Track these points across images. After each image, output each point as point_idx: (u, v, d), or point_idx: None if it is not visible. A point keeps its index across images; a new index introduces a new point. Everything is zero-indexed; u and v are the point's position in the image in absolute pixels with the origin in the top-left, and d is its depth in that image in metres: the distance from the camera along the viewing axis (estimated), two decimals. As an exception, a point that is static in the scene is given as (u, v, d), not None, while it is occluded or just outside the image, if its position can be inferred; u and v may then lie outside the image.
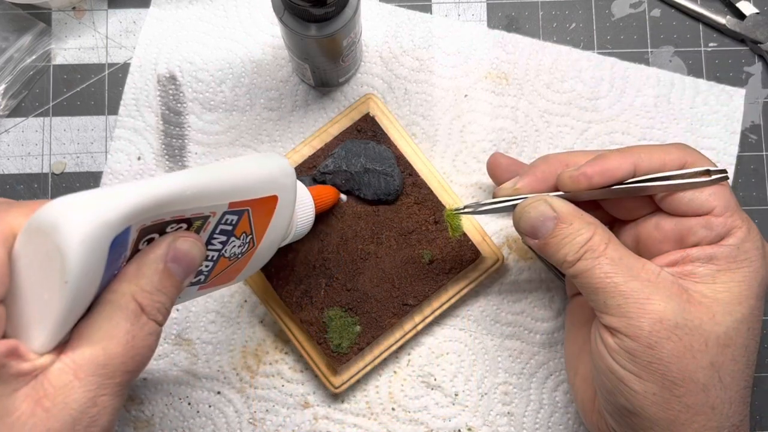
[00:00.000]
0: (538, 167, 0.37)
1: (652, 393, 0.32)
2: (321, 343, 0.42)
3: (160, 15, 0.47)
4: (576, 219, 0.35)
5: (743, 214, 0.34)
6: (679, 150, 0.35)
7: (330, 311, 0.42)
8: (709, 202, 0.34)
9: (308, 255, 0.43)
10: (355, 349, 0.42)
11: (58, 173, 0.46)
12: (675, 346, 0.32)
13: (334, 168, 0.43)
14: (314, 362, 0.43)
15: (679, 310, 0.32)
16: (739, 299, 0.33)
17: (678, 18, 0.48)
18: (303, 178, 0.43)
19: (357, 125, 0.44)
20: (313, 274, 0.43)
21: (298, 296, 0.42)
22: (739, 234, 0.33)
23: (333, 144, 0.44)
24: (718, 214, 0.34)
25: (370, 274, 0.43)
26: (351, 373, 0.43)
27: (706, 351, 0.32)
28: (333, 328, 0.42)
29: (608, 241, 0.34)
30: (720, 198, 0.34)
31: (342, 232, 0.43)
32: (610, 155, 0.35)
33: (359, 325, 0.42)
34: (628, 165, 0.34)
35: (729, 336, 0.32)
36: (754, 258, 0.33)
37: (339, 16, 0.37)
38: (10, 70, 0.46)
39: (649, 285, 0.33)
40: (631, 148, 0.35)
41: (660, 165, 0.34)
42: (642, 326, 0.32)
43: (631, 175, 0.34)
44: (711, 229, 0.34)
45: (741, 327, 0.33)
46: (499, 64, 0.47)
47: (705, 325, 0.32)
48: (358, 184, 0.43)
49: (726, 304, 0.33)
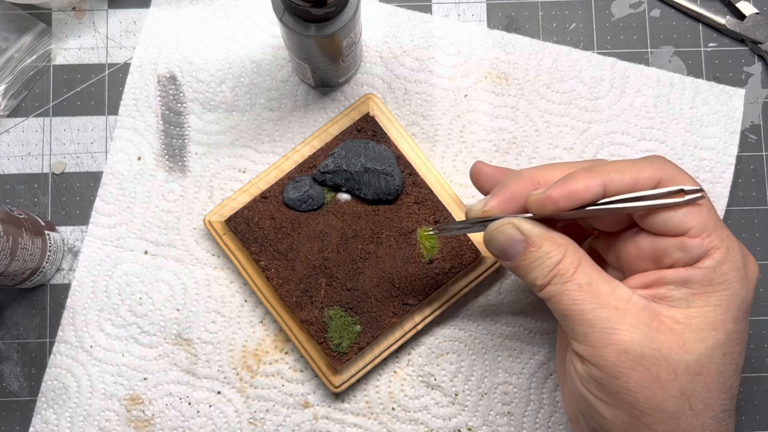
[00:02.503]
0: (509, 187, 0.35)
1: (621, 420, 0.32)
2: (321, 343, 0.42)
3: (160, 15, 0.47)
4: (545, 241, 0.33)
5: (724, 232, 0.32)
6: (653, 167, 0.33)
7: (330, 311, 0.42)
8: (684, 222, 0.32)
9: (308, 255, 0.43)
10: (355, 348, 0.42)
11: (58, 173, 0.46)
12: (641, 377, 0.31)
13: (334, 167, 0.43)
14: (314, 362, 0.43)
15: (645, 339, 0.31)
16: (714, 324, 0.31)
17: (678, 18, 0.48)
18: (303, 178, 0.43)
19: (357, 125, 0.44)
20: (313, 274, 0.43)
21: (298, 296, 0.43)
22: (717, 256, 0.32)
23: (333, 144, 0.44)
24: (694, 236, 0.32)
25: (370, 274, 0.43)
26: (351, 372, 0.43)
27: (675, 380, 0.31)
28: (333, 327, 0.42)
29: (578, 264, 0.33)
30: (696, 218, 0.32)
31: (342, 231, 0.43)
32: (577, 176, 0.33)
33: (359, 324, 0.42)
34: (596, 186, 0.32)
35: (701, 364, 0.31)
36: (733, 280, 0.32)
37: (339, 16, 0.37)
38: (10, 70, 0.46)
39: (616, 313, 0.31)
40: (602, 166, 0.33)
41: (631, 184, 0.32)
42: (606, 356, 0.31)
43: (600, 196, 0.32)
44: (686, 251, 0.32)
45: (715, 354, 0.31)
46: (499, 65, 0.47)
47: (674, 354, 0.31)
48: (358, 184, 0.43)
49: (699, 331, 0.31)
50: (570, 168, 0.34)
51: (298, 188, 0.43)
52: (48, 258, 0.43)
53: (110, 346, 0.45)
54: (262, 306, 0.44)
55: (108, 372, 0.44)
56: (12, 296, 0.45)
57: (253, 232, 0.43)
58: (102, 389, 0.44)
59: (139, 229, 0.45)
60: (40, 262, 0.43)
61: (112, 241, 0.45)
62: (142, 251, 0.45)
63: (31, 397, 0.44)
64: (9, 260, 0.39)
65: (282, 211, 0.43)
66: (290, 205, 0.43)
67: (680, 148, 0.46)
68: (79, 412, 0.44)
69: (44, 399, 0.44)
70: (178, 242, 0.45)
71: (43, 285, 0.45)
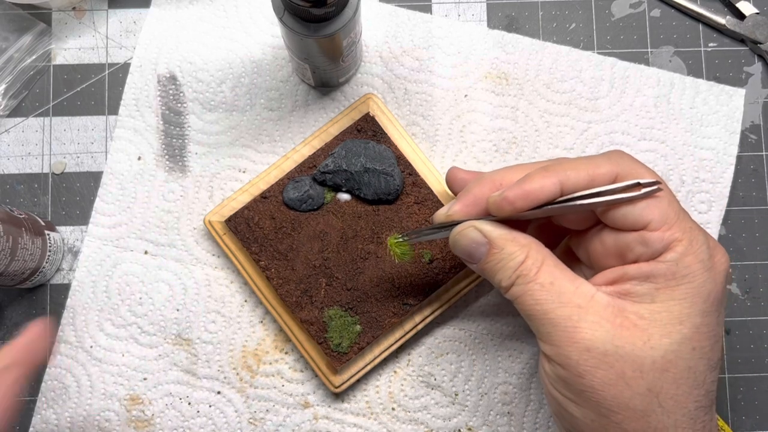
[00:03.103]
0: (472, 190, 0.35)
1: (591, 419, 0.31)
2: (321, 343, 0.42)
3: (160, 15, 0.47)
4: (507, 243, 0.33)
5: (686, 224, 0.31)
6: (610, 162, 0.32)
7: (330, 311, 0.42)
8: (643, 216, 0.31)
9: (308, 255, 0.43)
10: (355, 348, 0.42)
11: (58, 173, 0.46)
12: (606, 374, 0.31)
13: (334, 167, 0.43)
14: (314, 362, 0.43)
15: (608, 336, 0.31)
16: (680, 318, 0.31)
17: (678, 18, 0.48)
18: (303, 178, 0.43)
19: (357, 125, 0.44)
20: (313, 274, 0.43)
21: (298, 296, 0.43)
22: (679, 248, 0.31)
23: (333, 144, 0.44)
24: (654, 229, 0.31)
25: (371, 274, 0.43)
26: (351, 372, 0.43)
27: (641, 377, 0.30)
28: (333, 327, 0.42)
29: (541, 264, 0.33)
30: (654, 211, 0.31)
31: (342, 231, 0.43)
32: (533, 176, 0.33)
33: (359, 324, 0.42)
34: (552, 185, 0.32)
35: (667, 359, 0.30)
36: (697, 273, 0.31)
37: (339, 16, 0.37)
38: (10, 70, 0.46)
39: (579, 311, 0.31)
40: (558, 165, 0.33)
41: (588, 181, 0.32)
42: (570, 355, 0.31)
43: (557, 194, 0.32)
44: (647, 245, 0.31)
45: (682, 348, 0.31)
46: (499, 64, 0.47)
47: (638, 351, 0.30)
48: (358, 184, 0.43)
49: (664, 325, 0.31)
50: (532, 168, 0.34)
51: (298, 188, 0.43)
52: (48, 258, 0.43)
53: (110, 346, 0.45)
54: (262, 306, 0.44)
55: (108, 372, 0.44)
56: (12, 296, 0.45)
57: (253, 232, 0.43)
58: (102, 389, 0.44)
59: (139, 229, 0.45)
60: (40, 262, 0.43)
61: (112, 241, 0.45)
62: (142, 251, 0.45)
63: (31, 396, 0.44)
64: (9, 260, 0.39)
65: (282, 211, 0.43)
66: (290, 205, 0.43)
67: (680, 148, 0.46)
68: (79, 412, 0.44)
69: (44, 399, 0.44)
70: (178, 242, 0.45)
71: (43, 285, 0.45)
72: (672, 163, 0.46)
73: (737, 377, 0.46)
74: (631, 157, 0.33)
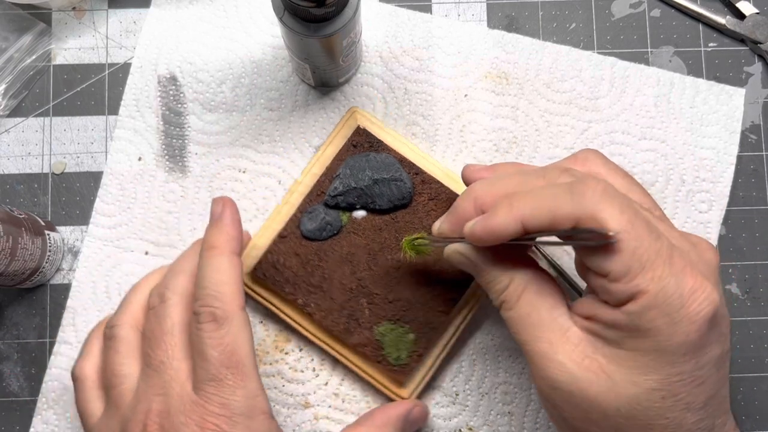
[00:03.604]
0: (456, 209, 0.35)
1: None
2: (380, 362, 0.42)
3: (160, 15, 0.47)
4: (491, 268, 0.33)
5: (657, 272, 0.28)
6: (572, 201, 0.29)
7: (380, 328, 0.42)
8: (602, 266, 0.29)
9: (342, 280, 0.42)
10: (414, 357, 0.41)
11: (58, 173, 0.46)
12: (574, 411, 0.31)
13: (343, 188, 0.42)
14: (378, 382, 0.42)
15: (572, 380, 0.30)
16: (647, 369, 0.29)
17: (678, 18, 0.48)
18: (315, 207, 0.43)
19: (351, 141, 0.43)
20: (352, 297, 0.42)
21: (344, 323, 0.42)
22: (642, 301, 0.28)
23: (334, 166, 0.43)
24: (614, 280, 0.29)
25: (408, 281, 0.42)
26: (416, 381, 0.42)
27: (607, 420, 0.30)
28: (388, 343, 0.42)
29: (522, 291, 0.32)
30: (614, 263, 0.28)
31: (368, 248, 0.43)
32: (497, 211, 0.31)
33: (412, 332, 0.42)
34: (514, 224, 0.31)
35: (633, 407, 0.29)
36: (662, 327, 0.28)
37: (339, 16, 0.37)
38: (10, 70, 0.46)
39: (550, 348, 0.31)
40: (521, 200, 0.31)
41: (549, 223, 0.30)
42: (542, 388, 0.32)
43: (520, 233, 0.31)
44: (608, 294, 0.29)
45: (651, 397, 0.29)
46: (499, 64, 0.47)
47: (602, 397, 0.29)
48: (371, 197, 0.42)
49: (631, 374, 0.29)
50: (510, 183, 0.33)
51: (313, 218, 0.42)
52: (48, 258, 0.43)
53: (110, 347, 0.45)
54: (262, 306, 0.44)
55: (108, 372, 0.44)
56: (12, 296, 0.45)
57: (282, 274, 0.42)
58: (102, 389, 0.44)
59: (140, 230, 0.45)
60: (40, 262, 0.43)
61: (112, 242, 0.45)
62: (143, 252, 0.45)
63: (31, 397, 0.44)
64: (9, 260, 0.39)
65: (304, 245, 0.42)
66: (310, 236, 0.42)
67: (680, 148, 0.46)
68: (80, 413, 0.44)
69: (45, 400, 0.44)
70: (178, 243, 0.45)
71: (43, 285, 0.45)
72: (672, 162, 0.46)
73: (737, 377, 0.46)
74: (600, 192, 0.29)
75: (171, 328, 0.35)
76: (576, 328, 0.31)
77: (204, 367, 0.33)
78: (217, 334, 0.33)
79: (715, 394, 0.30)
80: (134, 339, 0.36)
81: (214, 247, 0.36)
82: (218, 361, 0.33)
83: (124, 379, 0.35)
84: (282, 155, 0.46)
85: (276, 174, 0.46)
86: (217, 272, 0.35)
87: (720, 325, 0.29)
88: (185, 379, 0.34)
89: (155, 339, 0.35)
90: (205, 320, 0.34)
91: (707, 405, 0.30)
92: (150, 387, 0.34)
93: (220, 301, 0.34)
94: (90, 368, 0.37)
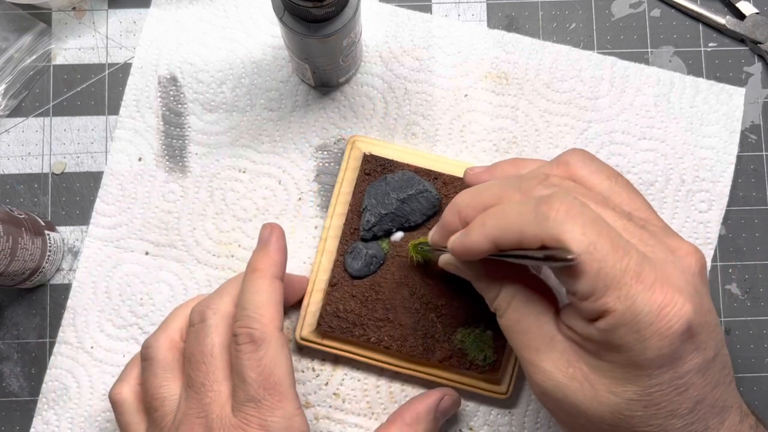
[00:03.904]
0: (444, 219, 0.36)
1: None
2: (470, 368, 0.42)
3: (160, 15, 0.47)
4: (482, 277, 0.34)
5: (624, 291, 0.28)
6: (536, 221, 0.29)
7: (457, 336, 0.42)
8: (570, 286, 0.29)
9: (405, 304, 0.42)
10: (500, 351, 0.42)
11: (58, 173, 0.46)
12: (563, 416, 0.32)
13: (375, 219, 0.42)
14: (475, 387, 0.42)
15: (558, 387, 0.31)
16: (625, 380, 0.29)
17: (678, 18, 0.48)
18: (354, 245, 0.42)
19: (363, 170, 0.43)
20: (421, 317, 0.42)
21: (421, 344, 0.42)
22: (610, 320, 0.28)
23: (356, 200, 0.43)
24: (581, 299, 0.29)
25: (463, 282, 0.42)
26: (508, 373, 0.42)
27: (593, 426, 0.30)
28: (470, 347, 0.41)
29: (511, 299, 0.33)
30: (581, 283, 0.28)
31: (417, 267, 0.42)
32: (472, 230, 0.32)
33: (488, 329, 0.42)
34: (487, 244, 0.31)
35: (615, 416, 0.29)
36: (632, 343, 0.28)
37: (339, 16, 0.37)
38: (10, 70, 0.46)
39: (537, 355, 0.31)
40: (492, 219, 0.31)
41: (517, 243, 0.30)
42: (534, 391, 0.33)
43: (493, 251, 0.31)
44: (579, 311, 0.30)
45: (632, 406, 0.29)
46: (499, 64, 0.47)
47: (586, 405, 0.30)
48: (404, 217, 0.42)
49: (611, 384, 0.29)
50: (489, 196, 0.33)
51: (357, 257, 0.42)
52: (48, 258, 0.43)
53: (111, 347, 0.45)
54: None
55: (109, 373, 0.44)
56: (12, 296, 0.45)
57: (347, 320, 0.42)
58: (103, 390, 0.44)
59: (140, 230, 0.45)
60: (40, 262, 0.43)
61: (112, 242, 0.45)
62: (143, 252, 0.45)
63: (31, 397, 0.44)
64: (9, 260, 0.39)
65: (356, 284, 0.42)
66: (360, 275, 0.42)
67: (680, 147, 0.46)
68: (80, 413, 0.44)
69: (45, 400, 0.44)
70: (178, 243, 0.45)
71: (43, 285, 0.45)
72: (672, 162, 0.46)
73: (738, 377, 0.46)
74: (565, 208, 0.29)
75: (211, 349, 0.35)
76: (561, 337, 0.31)
77: (243, 389, 0.34)
78: (255, 356, 0.34)
79: (703, 398, 0.30)
80: (171, 360, 0.37)
81: (257, 269, 0.37)
82: (256, 383, 0.34)
83: (164, 401, 0.36)
84: (282, 155, 0.46)
85: (276, 174, 0.46)
86: (257, 294, 0.36)
87: (698, 335, 0.29)
88: (225, 402, 0.34)
89: (195, 361, 0.35)
90: (244, 341, 0.34)
91: (695, 410, 0.30)
92: (190, 409, 0.34)
93: (259, 323, 0.35)
94: (128, 391, 0.38)
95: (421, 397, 0.41)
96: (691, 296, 0.29)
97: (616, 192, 0.33)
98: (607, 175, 0.33)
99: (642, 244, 0.30)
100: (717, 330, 0.30)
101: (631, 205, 0.33)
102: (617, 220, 0.31)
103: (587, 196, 0.31)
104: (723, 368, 0.31)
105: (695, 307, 0.28)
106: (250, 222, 0.45)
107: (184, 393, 0.35)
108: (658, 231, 0.32)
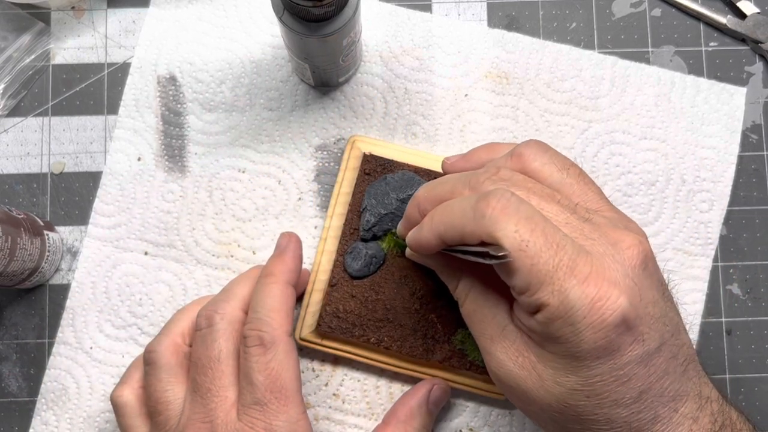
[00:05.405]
0: (407, 212, 0.37)
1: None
2: (469, 368, 0.42)
3: (159, 15, 0.47)
4: (443, 268, 0.37)
5: (557, 285, 0.29)
6: (474, 223, 0.30)
7: (457, 336, 0.42)
8: (508, 280, 0.30)
9: (405, 304, 0.42)
10: None
11: (57, 173, 0.46)
12: (518, 402, 0.33)
13: (375, 219, 0.42)
14: (475, 388, 0.42)
15: (509, 375, 0.32)
16: (567, 371, 0.30)
17: (678, 17, 0.48)
18: (354, 245, 0.42)
19: (363, 170, 0.43)
20: (421, 317, 0.42)
21: (421, 344, 0.42)
22: (545, 313, 0.29)
23: (356, 200, 0.43)
24: (518, 293, 0.30)
25: None
26: None
27: (544, 412, 0.32)
28: (469, 348, 0.41)
29: (468, 292, 0.35)
30: (516, 278, 0.29)
31: (417, 266, 0.42)
32: (423, 226, 0.34)
33: None
34: (435, 240, 0.33)
35: (561, 404, 0.30)
36: (568, 336, 0.29)
37: (339, 15, 0.37)
38: (9, 70, 0.46)
39: (490, 343, 0.33)
40: (439, 216, 0.33)
41: (460, 239, 0.31)
42: (492, 378, 0.34)
43: (443, 247, 0.33)
44: (519, 304, 0.31)
45: (575, 396, 0.30)
46: (499, 64, 0.47)
47: (535, 392, 0.31)
48: None
49: (555, 373, 0.30)
50: (443, 191, 0.35)
51: (356, 257, 0.42)
52: (47, 258, 0.43)
53: (110, 348, 0.44)
54: None
55: (108, 373, 0.44)
56: (11, 296, 0.45)
57: (347, 320, 0.42)
58: (102, 391, 0.44)
59: (139, 230, 0.45)
60: (38, 263, 0.42)
61: (111, 242, 0.45)
62: (142, 252, 0.45)
63: (30, 397, 0.44)
64: (8, 260, 0.39)
65: (356, 285, 0.42)
66: (360, 275, 0.42)
67: (681, 147, 0.46)
68: (79, 414, 0.44)
69: (44, 400, 0.44)
70: (177, 243, 0.45)
71: (42, 285, 0.45)
72: (673, 162, 0.46)
73: (738, 378, 0.45)
74: (501, 206, 0.30)
75: (218, 354, 0.36)
76: (513, 327, 0.32)
77: (250, 391, 0.34)
78: (264, 359, 0.34)
79: (648, 388, 0.30)
80: (175, 363, 0.37)
81: (271, 274, 0.38)
82: (263, 386, 0.34)
83: (168, 405, 0.36)
84: (282, 155, 0.46)
85: (276, 174, 0.46)
86: (269, 298, 0.36)
87: (637, 327, 0.29)
88: (230, 407, 0.35)
89: (202, 365, 0.35)
90: (253, 344, 0.35)
91: (641, 399, 0.30)
92: (195, 413, 0.35)
93: (269, 326, 0.35)
94: (130, 393, 0.38)
95: (411, 393, 0.41)
96: (628, 288, 0.29)
97: (567, 184, 0.33)
98: (559, 167, 0.34)
99: (583, 238, 0.30)
100: (663, 321, 0.30)
101: (582, 197, 0.33)
102: (560, 214, 0.31)
103: (533, 190, 0.32)
104: (673, 358, 0.31)
105: (631, 299, 0.29)
106: (250, 222, 0.45)
107: (189, 397, 0.35)
108: (604, 223, 0.32)
